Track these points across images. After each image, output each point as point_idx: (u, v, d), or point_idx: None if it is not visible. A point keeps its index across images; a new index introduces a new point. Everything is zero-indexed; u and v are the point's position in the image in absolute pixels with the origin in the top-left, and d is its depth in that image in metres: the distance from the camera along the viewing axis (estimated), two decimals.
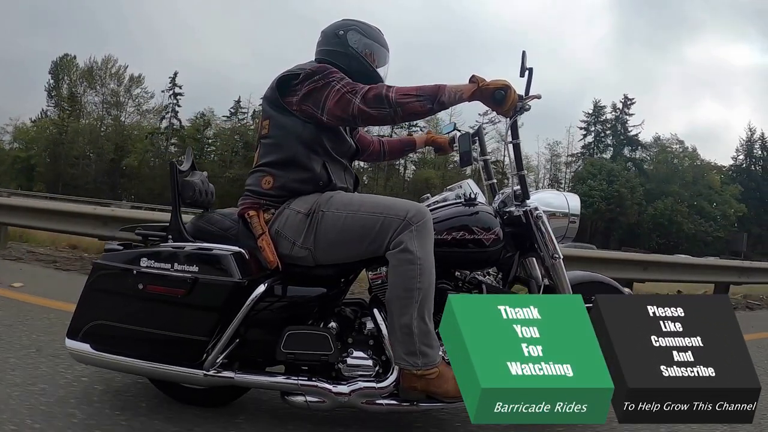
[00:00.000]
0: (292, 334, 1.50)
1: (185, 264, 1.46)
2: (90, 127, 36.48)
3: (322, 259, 1.55)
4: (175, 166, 1.60)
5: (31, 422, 1.47)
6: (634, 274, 5.37)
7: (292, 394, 1.53)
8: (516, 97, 1.48)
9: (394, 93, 1.46)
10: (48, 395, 1.66)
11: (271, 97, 1.61)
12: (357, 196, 1.59)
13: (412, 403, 1.50)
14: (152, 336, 1.48)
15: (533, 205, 1.64)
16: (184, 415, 1.61)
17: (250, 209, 1.58)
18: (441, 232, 1.57)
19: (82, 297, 1.54)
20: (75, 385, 1.77)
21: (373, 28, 1.76)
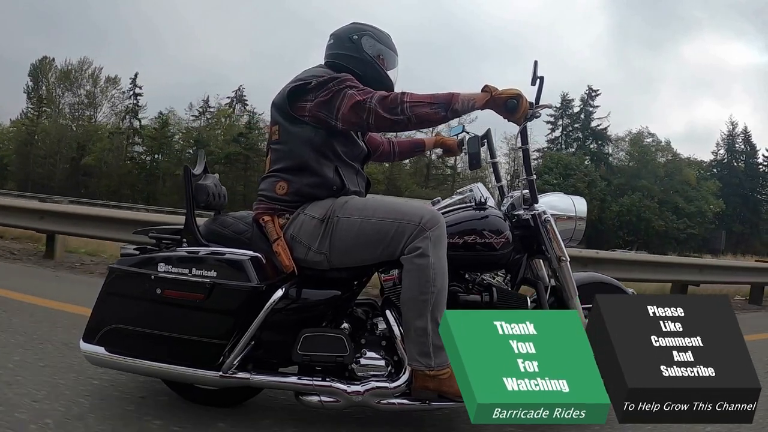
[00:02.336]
0: (308, 337, 1.53)
1: (203, 269, 1.48)
2: (58, 127, 37.83)
3: (337, 263, 1.57)
4: (188, 170, 1.61)
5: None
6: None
7: (306, 394, 1.56)
8: (527, 106, 1.52)
9: (408, 100, 1.48)
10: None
11: (280, 104, 1.62)
12: (371, 201, 1.61)
13: (424, 402, 1.55)
14: (169, 339, 1.49)
15: (542, 208, 1.69)
16: (202, 416, 1.64)
17: (265, 214, 1.59)
18: (452, 235, 1.60)
19: (98, 300, 1.55)
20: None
21: (384, 32, 1.77)
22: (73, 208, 6.37)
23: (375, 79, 1.68)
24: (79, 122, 38.46)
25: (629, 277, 5.23)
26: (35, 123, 37.67)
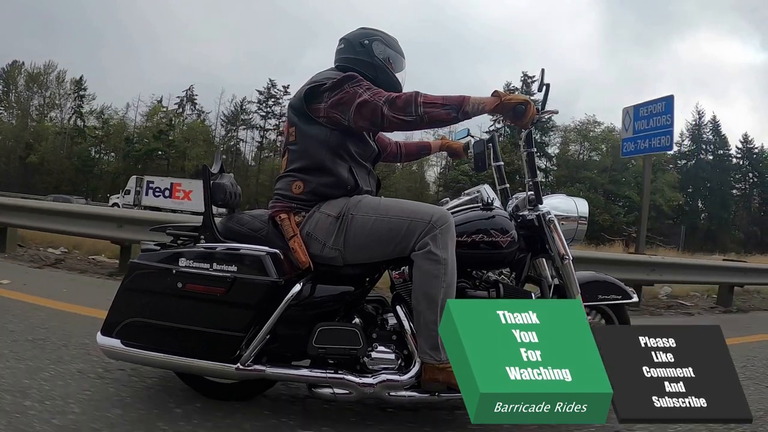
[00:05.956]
0: (324, 330, 1.58)
1: (224, 264, 1.53)
2: (11, 127, 40.75)
3: (351, 259, 1.63)
4: (207, 169, 1.67)
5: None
6: None
7: (319, 387, 1.61)
8: (534, 111, 1.59)
9: (422, 100, 1.55)
10: None
11: (296, 105, 1.68)
12: (384, 200, 1.68)
13: (434, 394, 1.61)
14: (189, 332, 1.54)
15: (545, 209, 1.77)
16: (216, 409, 1.69)
17: (282, 212, 1.65)
18: (461, 234, 1.67)
19: (117, 295, 1.59)
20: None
21: (392, 37, 1.85)
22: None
23: (386, 82, 1.75)
24: (30, 122, 41.38)
25: None
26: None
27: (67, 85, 42.34)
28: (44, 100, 42.23)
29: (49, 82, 42.29)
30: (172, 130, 39.91)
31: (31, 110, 41.81)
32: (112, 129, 41.34)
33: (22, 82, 42.03)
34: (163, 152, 39.40)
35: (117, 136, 40.87)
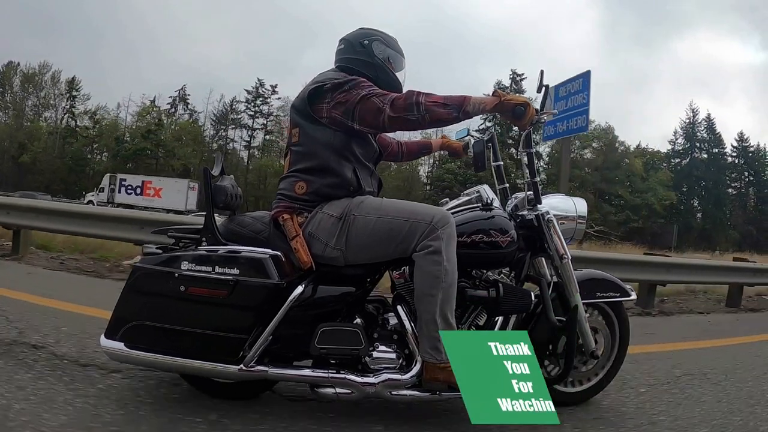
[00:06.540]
0: (326, 331, 1.60)
1: (226, 267, 1.54)
2: (5, 127, 41.23)
3: (353, 260, 1.65)
4: (207, 172, 1.67)
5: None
6: None
7: (322, 387, 1.63)
8: (534, 113, 1.60)
9: (424, 100, 1.55)
10: None
11: (300, 106, 1.69)
12: (386, 201, 1.69)
13: (435, 393, 1.62)
14: (192, 334, 1.55)
15: (544, 209, 1.78)
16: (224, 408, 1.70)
17: (284, 213, 1.66)
18: (461, 234, 1.68)
19: (121, 298, 1.60)
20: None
21: (391, 37, 1.85)
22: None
23: (386, 81, 1.76)
24: (24, 122, 42.05)
25: None
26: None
27: (62, 85, 43.11)
28: (39, 101, 42.84)
29: (44, 83, 42.92)
30: (162, 129, 40.39)
31: (26, 110, 42.39)
32: (104, 129, 42.00)
33: (17, 83, 42.74)
34: (151, 151, 39.82)
35: (109, 136, 41.51)
